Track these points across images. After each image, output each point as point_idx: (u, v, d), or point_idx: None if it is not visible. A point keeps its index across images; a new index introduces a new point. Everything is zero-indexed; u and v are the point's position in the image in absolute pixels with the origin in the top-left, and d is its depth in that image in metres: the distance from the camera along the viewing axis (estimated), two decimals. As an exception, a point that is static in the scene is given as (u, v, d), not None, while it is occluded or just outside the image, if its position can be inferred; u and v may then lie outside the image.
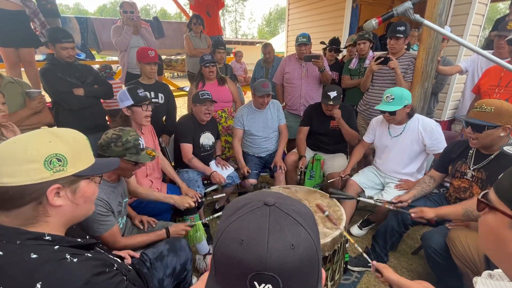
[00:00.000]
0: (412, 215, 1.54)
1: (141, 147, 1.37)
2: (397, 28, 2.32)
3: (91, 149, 0.80)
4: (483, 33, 3.76)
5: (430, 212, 1.48)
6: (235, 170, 2.43)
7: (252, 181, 2.36)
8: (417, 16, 1.09)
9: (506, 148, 1.17)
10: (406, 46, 2.82)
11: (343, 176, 2.21)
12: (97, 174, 0.80)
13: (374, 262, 1.14)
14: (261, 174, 2.60)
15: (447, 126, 3.21)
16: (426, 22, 1.10)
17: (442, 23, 2.18)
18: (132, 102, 1.75)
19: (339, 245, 1.51)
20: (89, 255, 0.72)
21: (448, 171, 1.76)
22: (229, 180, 2.30)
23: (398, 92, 1.88)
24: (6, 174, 0.64)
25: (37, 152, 0.67)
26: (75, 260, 0.67)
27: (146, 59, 2.29)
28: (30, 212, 0.68)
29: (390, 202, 1.75)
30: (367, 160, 2.78)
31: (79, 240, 0.75)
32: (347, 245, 1.73)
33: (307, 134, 2.58)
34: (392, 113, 1.90)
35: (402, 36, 2.33)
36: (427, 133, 1.92)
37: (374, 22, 1.14)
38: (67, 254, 0.67)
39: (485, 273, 0.77)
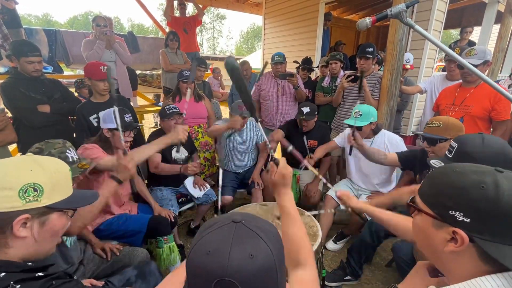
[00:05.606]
0: (338, 193, 1.40)
1: (70, 160, 1.22)
2: (366, 49, 2.53)
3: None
4: (440, 55, 4.18)
5: (353, 200, 1.32)
6: (211, 187, 2.38)
7: (228, 198, 2.33)
8: (409, 20, 1.09)
9: (432, 162, 1.24)
10: (378, 66, 3.03)
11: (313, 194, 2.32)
12: (71, 208, 0.76)
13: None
14: (238, 190, 2.58)
15: (412, 141, 3.43)
16: (417, 27, 1.10)
17: (403, 47, 2.38)
18: (115, 126, 1.63)
19: (316, 261, 1.51)
20: (39, 274, 0.66)
21: (411, 170, 1.92)
22: (205, 198, 2.25)
23: (366, 110, 2.01)
24: None
25: (16, 179, 0.65)
26: (17, 287, 0.61)
27: (97, 76, 2.02)
28: None
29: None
30: (342, 172, 2.88)
31: (30, 263, 0.69)
32: (323, 260, 1.74)
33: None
34: (359, 128, 2.02)
35: (371, 56, 2.53)
36: (393, 146, 2.07)
37: (368, 20, 1.12)
38: (11, 282, 0.61)
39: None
